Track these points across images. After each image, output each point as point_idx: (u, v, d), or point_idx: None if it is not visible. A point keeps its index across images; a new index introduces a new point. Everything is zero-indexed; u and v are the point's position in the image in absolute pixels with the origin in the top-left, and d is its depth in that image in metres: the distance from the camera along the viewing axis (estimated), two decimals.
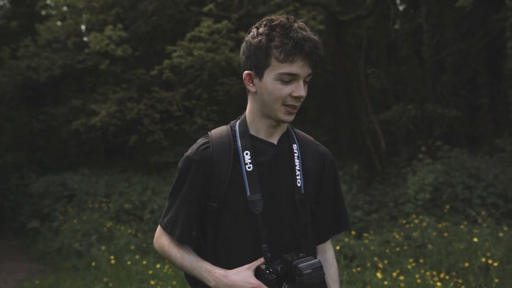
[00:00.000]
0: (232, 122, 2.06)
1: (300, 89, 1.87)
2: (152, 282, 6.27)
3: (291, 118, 1.93)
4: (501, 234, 7.24)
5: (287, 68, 1.85)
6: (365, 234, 8.07)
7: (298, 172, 1.97)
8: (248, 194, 1.90)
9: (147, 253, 7.28)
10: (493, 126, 14.19)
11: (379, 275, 6.17)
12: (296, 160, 1.99)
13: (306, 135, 2.13)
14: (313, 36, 1.87)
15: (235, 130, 2.01)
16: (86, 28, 13.53)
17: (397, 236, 7.62)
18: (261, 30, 1.89)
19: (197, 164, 1.96)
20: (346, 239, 7.47)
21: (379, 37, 13.90)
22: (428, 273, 6.33)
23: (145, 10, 12.34)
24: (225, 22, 10.03)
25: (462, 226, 7.76)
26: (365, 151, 12.82)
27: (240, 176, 1.92)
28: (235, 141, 1.98)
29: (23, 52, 12.23)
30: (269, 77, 1.88)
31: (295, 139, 2.04)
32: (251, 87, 1.95)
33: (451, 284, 6.01)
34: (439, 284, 5.89)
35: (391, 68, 14.61)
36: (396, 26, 13.89)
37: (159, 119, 11.65)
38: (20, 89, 13.78)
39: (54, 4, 12.96)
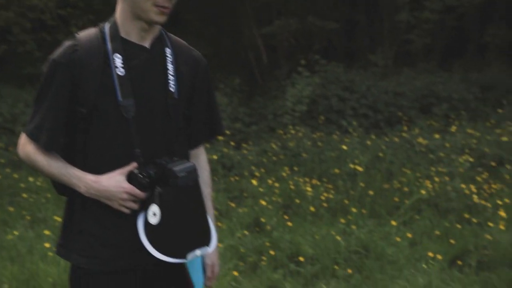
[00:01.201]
0: (102, 24, 1.96)
1: None
2: (25, 195, 6.09)
3: (163, 18, 1.87)
4: (368, 143, 7.74)
5: None
6: (244, 145, 8.28)
7: (171, 77, 1.94)
8: (120, 98, 1.85)
9: (18, 167, 7.02)
10: (368, 41, 14.74)
11: (254, 182, 6.43)
12: (170, 65, 1.94)
13: (180, 39, 2.08)
14: None
15: (104, 32, 1.91)
16: None
17: (274, 146, 7.90)
18: None
19: (64, 68, 1.87)
20: (225, 150, 7.64)
21: None
22: (301, 180, 6.69)
23: None
24: None
25: (335, 136, 8.20)
26: (247, 64, 12.91)
27: (110, 80, 1.85)
28: (105, 43, 1.89)
29: None
30: None
31: (168, 43, 1.98)
32: None
33: (322, 189, 6.41)
34: (309, 189, 6.25)
35: None
36: None
37: (31, 28, 10.92)
38: None
39: None
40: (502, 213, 5.43)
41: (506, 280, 4.03)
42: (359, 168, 6.71)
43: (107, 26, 1.94)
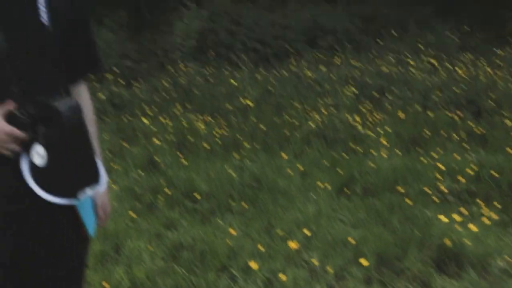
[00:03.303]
0: None
1: None
2: None
3: None
4: (258, 77, 7.86)
5: None
6: (134, 83, 8.10)
7: (42, 8, 1.80)
8: None
9: None
10: None
11: (146, 121, 6.36)
12: None
13: None
14: None
15: None
16: None
17: (165, 83, 7.81)
18: None
19: None
20: (115, 88, 7.46)
21: None
22: (194, 117, 6.70)
23: None
24: None
25: (225, 71, 8.22)
26: None
27: None
28: None
29: None
30: None
31: None
32: None
33: (215, 125, 6.48)
34: (202, 126, 6.30)
35: None
36: None
37: None
38: None
39: None
40: (384, 142, 5.79)
41: (388, 204, 4.36)
42: (250, 103, 6.82)
43: None
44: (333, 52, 9.20)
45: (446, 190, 4.51)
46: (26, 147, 1.75)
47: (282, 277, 3.13)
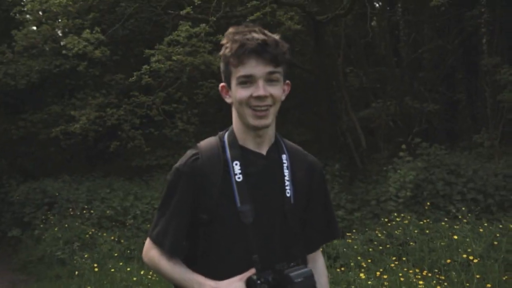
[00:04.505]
0: (221, 133, 2.06)
1: (258, 89, 1.88)
2: None
3: (261, 122, 1.92)
4: (481, 230, 7.33)
5: (241, 71, 1.88)
6: (348, 233, 8.12)
7: (287, 183, 1.98)
8: (238, 204, 1.91)
9: (131, 260, 7.26)
10: (471, 121, 14.36)
11: (362, 275, 6.22)
12: (286, 171, 1.99)
13: (295, 145, 2.14)
14: (263, 35, 1.90)
15: (223, 141, 2.01)
16: (63, 33, 13.40)
17: (379, 235, 7.68)
18: (224, 41, 1.95)
19: (187, 176, 1.96)
20: None
21: (357, 35, 13.98)
22: (411, 271, 6.40)
23: (122, 13, 12.27)
24: (203, 25, 10.02)
25: (443, 223, 7.84)
26: (346, 149, 12.90)
27: (230, 187, 1.92)
28: (224, 152, 1.97)
29: (0, 59, 12.08)
30: (233, 84, 1.93)
31: (284, 150, 2.04)
32: (227, 99, 2.00)
33: (434, 281, 6.08)
34: (421, 282, 5.95)
35: (370, 66, 14.71)
36: (373, 24, 13.99)
37: (140, 124, 11.60)
38: None
39: (29, 9, 12.83)
40: None
41: None
42: (473, 258, 6.34)
43: (226, 135, 2.03)
44: None
45: None
46: None
47: None
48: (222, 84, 2.00)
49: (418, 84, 14.20)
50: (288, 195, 1.97)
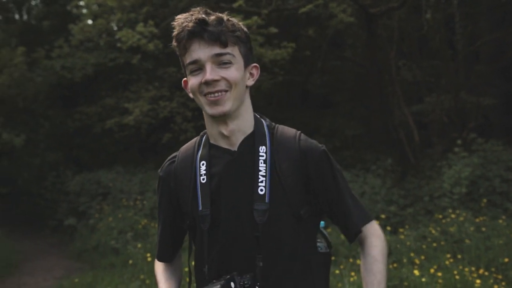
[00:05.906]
0: (204, 131, 1.91)
1: (205, 73, 1.71)
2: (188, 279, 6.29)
3: (218, 109, 1.72)
4: None
5: (188, 58, 1.75)
6: (401, 229, 7.99)
7: (261, 178, 1.74)
8: (200, 208, 1.78)
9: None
10: None
11: (416, 272, 6.11)
12: (262, 165, 1.75)
13: (291, 131, 1.86)
14: (202, 15, 1.73)
15: (202, 140, 1.88)
16: (117, 27, 13.66)
17: (433, 231, 7.53)
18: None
19: (163, 181, 1.91)
20: None
21: (410, 28, 13.69)
22: (466, 269, 6.25)
23: (175, 7, 12.39)
24: (255, 18, 10.01)
25: (500, 221, 7.62)
26: (398, 144, 12.67)
27: (196, 190, 1.81)
28: (198, 152, 1.85)
29: (57, 53, 12.42)
30: (187, 75, 1.80)
31: (266, 140, 1.80)
32: (189, 93, 1.84)
33: (491, 280, 5.93)
34: (478, 280, 5.80)
35: (423, 60, 14.39)
36: (428, 16, 13.66)
37: (192, 117, 11.71)
38: (54, 89, 14.01)
39: (85, 3, 13.14)
40: None
41: None
42: None
43: (205, 134, 1.90)
44: None
45: None
46: None
47: None
48: (184, 79, 1.85)
49: (474, 78, 13.80)
50: (261, 192, 1.74)
